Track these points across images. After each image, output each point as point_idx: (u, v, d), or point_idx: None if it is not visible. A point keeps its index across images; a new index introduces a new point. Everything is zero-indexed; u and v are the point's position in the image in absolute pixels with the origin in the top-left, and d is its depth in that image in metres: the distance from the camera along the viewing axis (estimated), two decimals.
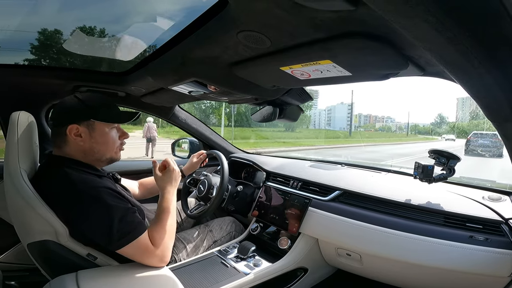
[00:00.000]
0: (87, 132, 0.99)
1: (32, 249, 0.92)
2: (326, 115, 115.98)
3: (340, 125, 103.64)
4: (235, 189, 1.59)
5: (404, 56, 0.68)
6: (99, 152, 1.02)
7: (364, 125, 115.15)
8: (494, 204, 1.04)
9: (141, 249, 0.93)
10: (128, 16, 1.14)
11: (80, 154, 0.99)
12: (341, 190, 1.32)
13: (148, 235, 0.96)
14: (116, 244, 0.90)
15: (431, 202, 1.09)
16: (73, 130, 0.96)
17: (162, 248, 0.97)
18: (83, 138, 0.98)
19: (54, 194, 0.90)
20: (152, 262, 0.96)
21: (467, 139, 12.96)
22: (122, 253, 0.92)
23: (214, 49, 0.79)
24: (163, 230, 0.99)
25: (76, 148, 0.98)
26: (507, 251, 0.89)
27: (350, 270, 1.31)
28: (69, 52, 1.34)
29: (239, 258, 1.27)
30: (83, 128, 0.98)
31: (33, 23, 1.17)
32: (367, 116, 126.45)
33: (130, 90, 1.48)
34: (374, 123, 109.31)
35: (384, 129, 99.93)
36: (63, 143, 0.98)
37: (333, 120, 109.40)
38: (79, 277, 0.87)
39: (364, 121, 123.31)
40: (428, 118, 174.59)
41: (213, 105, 26.82)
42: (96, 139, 1.00)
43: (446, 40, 0.41)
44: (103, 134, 1.02)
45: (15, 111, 0.95)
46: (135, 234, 0.91)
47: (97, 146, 1.01)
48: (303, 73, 0.83)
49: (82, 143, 0.98)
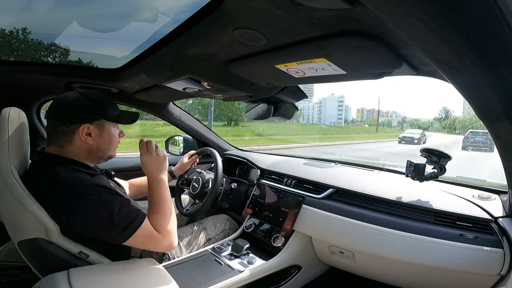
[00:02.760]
0: (97, 131, 0.99)
1: (22, 247, 0.91)
2: (318, 108, 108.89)
3: (331, 120, 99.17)
4: (229, 186, 1.59)
5: (398, 55, 0.69)
6: (104, 150, 1.03)
7: (366, 120, 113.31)
8: (484, 202, 1.06)
9: (147, 236, 0.93)
10: (123, 12, 1.12)
11: (83, 153, 0.99)
12: (335, 188, 1.33)
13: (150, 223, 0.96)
14: (121, 235, 0.89)
15: (422, 200, 1.11)
16: (84, 130, 0.96)
17: (167, 234, 0.97)
18: (93, 137, 0.98)
19: (47, 193, 0.89)
20: (161, 247, 0.97)
21: (464, 136, 15.11)
22: (129, 244, 0.92)
23: (209, 46, 0.78)
24: (162, 217, 0.99)
25: (82, 147, 0.97)
26: (496, 250, 0.91)
27: (343, 267, 1.32)
28: (62, 48, 1.32)
29: (233, 256, 1.27)
30: (94, 127, 0.98)
31: (24, 20, 1.15)
32: (370, 110, 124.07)
33: (123, 86, 1.46)
34: (377, 118, 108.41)
35: (383, 124, 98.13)
36: (66, 142, 0.96)
37: (324, 114, 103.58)
38: (71, 275, 0.86)
39: (367, 115, 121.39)
40: (434, 112, 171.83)
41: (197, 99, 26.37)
42: (104, 139, 1.01)
43: (440, 39, 0.42)
44: (110, 134, 1.03)
45: (6, 107, 0.94)
46: (137, 223, 0.91)
47: (103, 145, 1.01)
48: (298, 71, 0.83)
49: (91, 142, 0.98)
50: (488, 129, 0.69)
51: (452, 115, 72.66)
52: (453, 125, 53.86)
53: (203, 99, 14.64)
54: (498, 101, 0.55)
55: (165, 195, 1.04)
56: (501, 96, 0.54)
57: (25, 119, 0.99)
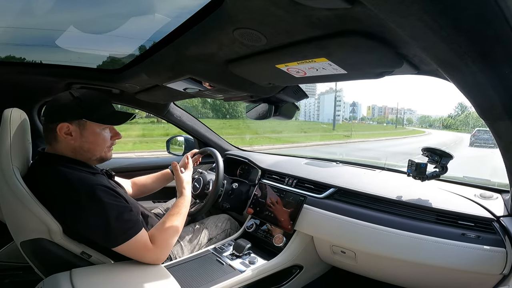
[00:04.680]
0: (78, 131, 0.97)
1: (25, 247, 0.91)
2: (317, 104, 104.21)
3: (329, 116, 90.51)
4: (230, 186, 1.59)
5: (399, 54, 0.69)
6: (89, 151, 1.01)
7: (376, 117, 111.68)
8: (486, 202, 1.05)
9: (137, 248, 0.94)
10: (123, 12, 1.12)
11: (70, 152, 0.98)
12: (336, 187, 1.33)
13: (147, 233, 0.96)
14: (113, 242, 0.90)
15: (424, 200, 1.10)
16: (63, 129, 0.95)
17: (162, 248, 0.98)
18: (74, 136, 0.97)
19: (48, 192, 0.89)
20: (148, 260, 0.97)
21: (472, 134, 16.43)
22: (118, 251, 0.92)
23: (210, 46, 0.78)
24: (169, 230, 1.02)
25: (66, 146, 0.97)
26: (498, 249, 0.91)
27: (344, 267, 1.32)
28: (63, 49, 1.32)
29: (234, 256, 1.27)
30: (74, 127, 0.96)
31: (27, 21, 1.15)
32: (381, 108, 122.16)
33: (124, 87, 1.46)
34: (389, 115, 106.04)
35: (391, 121, 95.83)
36: (53, 140, 0.97)
37: (322, 110, 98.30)
38: (73, 275, 0.86)
39: (378, 113, 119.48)
40: (449, 108, 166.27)
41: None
42: (86, 138, 0.99)
43: (440, 39, 0.42)
44: (94, 134, 1.00)
45: (7, 108, 0.94)
46: (132, 233, 0.92)
47: (86, 145, 0.99)
48: (298, 70, 0.83)
49: (72, 141, 0.97)
50: (489, 128, 0.68)
51: (468, 111, 70.83)
52: (466, 120, 53.54)
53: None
54: (498, 99, 0.55)
55: (184, 212, 1.14)
56: (501, 94, 0.54)
57: (26, 120, 1.00)
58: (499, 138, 0.70)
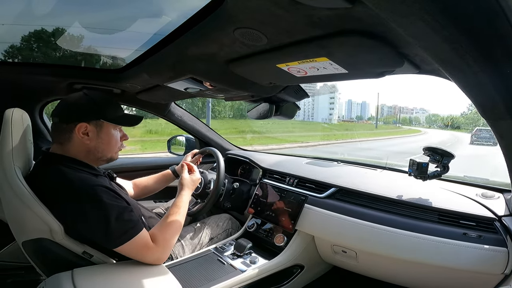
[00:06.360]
0: (95, 131, 0.99)
1: (27, 247, 0.92)
2: (312, 103, 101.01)
3: (323, 116, 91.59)
4: (231, 186, 1.59)
5: (400, 54, 0.69)
6: (103, 151, 1.02)
7: (385, 117, 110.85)
8: (487, 201, 1.05)
9: (138, 248, 0.94)
10: (125, 12, 1.13)
11: (83, 153, 0.99)
12: (337, 187, 1.32)
13: (148, 233, 0.97)
14: (114, 242, 0.90)
15: (425, 199, 1.10)
16: (81, 129, 0.96)
17: (163, 247, 0.98)
18: (90, 137, 0.98)
19: (50, 192, 0.89)
20: (149, 260, 0.97)
21: (472, 133, 17.53)
22: (118, 251, 0.92)
23: (210, 46, 0.78)
24: (170, 230, 1.02)
25: (80, 146, 0.98)
26: (500, 249, 0.90)
27: (346, 267, 1.32)
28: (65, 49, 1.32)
29: (235, 255, 1.27)
30: (91, 127, 0.98)
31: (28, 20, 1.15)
32: (391, 107, 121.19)
33: (125, 87, 1.47)
34: (399, 115, 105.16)
35: (397, 121, 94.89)
36: (66, 140, 0.97)
37: (316, 110, 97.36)
38: (75, 275, 0.86)
39: (387, 112, 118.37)
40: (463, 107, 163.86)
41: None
42: (102, 139, 1.01)
43: (441, 38, 0.42)
44: (109, 135, 1.02)
45: (9, 108, 0.94)
46: (132, 233, 0.92)
47: (101, 146, 1.01)
48: (299, 70, 0.83)
49: (88, 142, 0.98)
50: (491, 127, 0.68)
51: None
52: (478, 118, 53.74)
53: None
54: (500, 99, 0.55)
55: (183, 211, 1.13)
56: (503, 94, 0.53)
57: (28, 120, 1.00)
58: (500, 137, 0.70)
